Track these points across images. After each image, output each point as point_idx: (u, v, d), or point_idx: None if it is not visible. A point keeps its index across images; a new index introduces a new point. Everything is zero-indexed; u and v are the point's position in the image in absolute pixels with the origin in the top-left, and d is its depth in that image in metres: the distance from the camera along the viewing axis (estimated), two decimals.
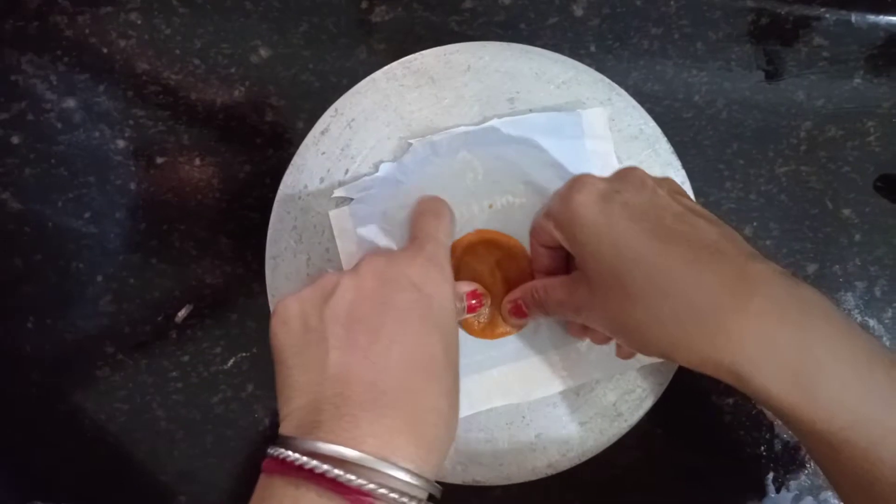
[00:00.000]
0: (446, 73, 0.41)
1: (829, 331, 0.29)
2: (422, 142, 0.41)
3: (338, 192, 0.41)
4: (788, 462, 0.44)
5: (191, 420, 0.42)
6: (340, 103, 0.41)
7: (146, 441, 0.42)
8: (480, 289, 0.39)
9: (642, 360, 0.41)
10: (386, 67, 0.41)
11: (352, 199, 0.41)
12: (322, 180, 0.41)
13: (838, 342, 0.28)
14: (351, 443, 0.27)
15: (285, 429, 0.29)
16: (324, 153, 0.41)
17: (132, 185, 0.42)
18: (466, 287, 0.39)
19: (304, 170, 0.41)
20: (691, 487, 0.44)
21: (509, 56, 0.41)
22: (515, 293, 0.39)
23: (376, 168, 0.41)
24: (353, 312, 0.31)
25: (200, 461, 0.42)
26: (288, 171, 0.41)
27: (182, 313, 0.42)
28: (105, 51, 0.42)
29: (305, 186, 0.41)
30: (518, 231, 0.41)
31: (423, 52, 0.41)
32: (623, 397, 0.41)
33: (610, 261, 0.31)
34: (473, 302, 0.38)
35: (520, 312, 0.39)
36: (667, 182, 0.34)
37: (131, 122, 0.42)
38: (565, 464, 0.41)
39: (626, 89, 0.43)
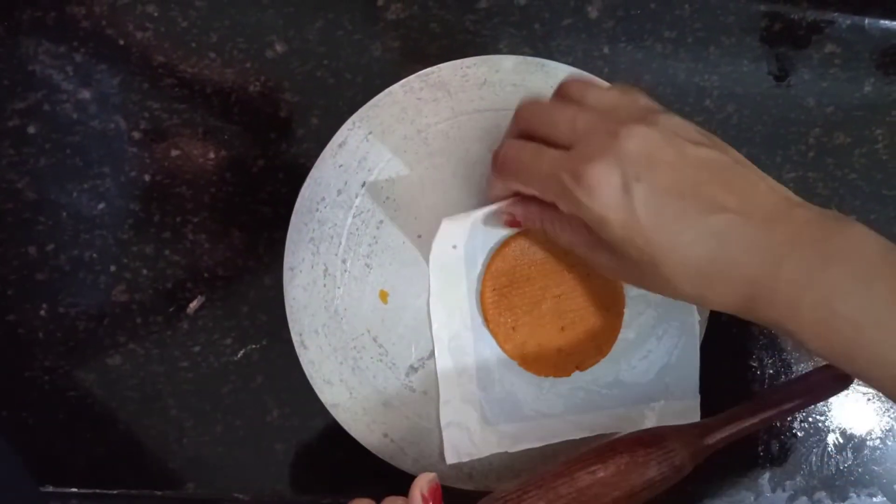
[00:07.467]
0: (463, 87, 0.42)
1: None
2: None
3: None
4: (784, 462, 0.45)
5: (200, 409, 0.43)
6: (358, 116, 0.41)
7: (156, 428, 0.43)
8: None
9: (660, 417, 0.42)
10: (403, 80, 0.41)
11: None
12: (339, 192, 0.41)
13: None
14: None
15: None
16: (341, 166, 0.41)
17: (146, 177, 0.42)
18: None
19: (322, 182, 0.41)
20: (687, 486, 0.45)
21: (525, 70, 0.42)
22: (517, 210, 0.38)
23: (392, 182, 0.41)
24: None
25: (209, 449, 0.43)
26: (305, 184, 0.41)
27: (194, 305, 0.42)
28: (122, 42, 0.42)
29: (323, 199, 0.41)
30: None
31: (441, 65, 0.41)
32: None
33: (641, 249, 0.32)
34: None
35: (514, 224, 0.39)
36: (657, 114, 0.33)
37: (147, 114, 0.42)
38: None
39: None
